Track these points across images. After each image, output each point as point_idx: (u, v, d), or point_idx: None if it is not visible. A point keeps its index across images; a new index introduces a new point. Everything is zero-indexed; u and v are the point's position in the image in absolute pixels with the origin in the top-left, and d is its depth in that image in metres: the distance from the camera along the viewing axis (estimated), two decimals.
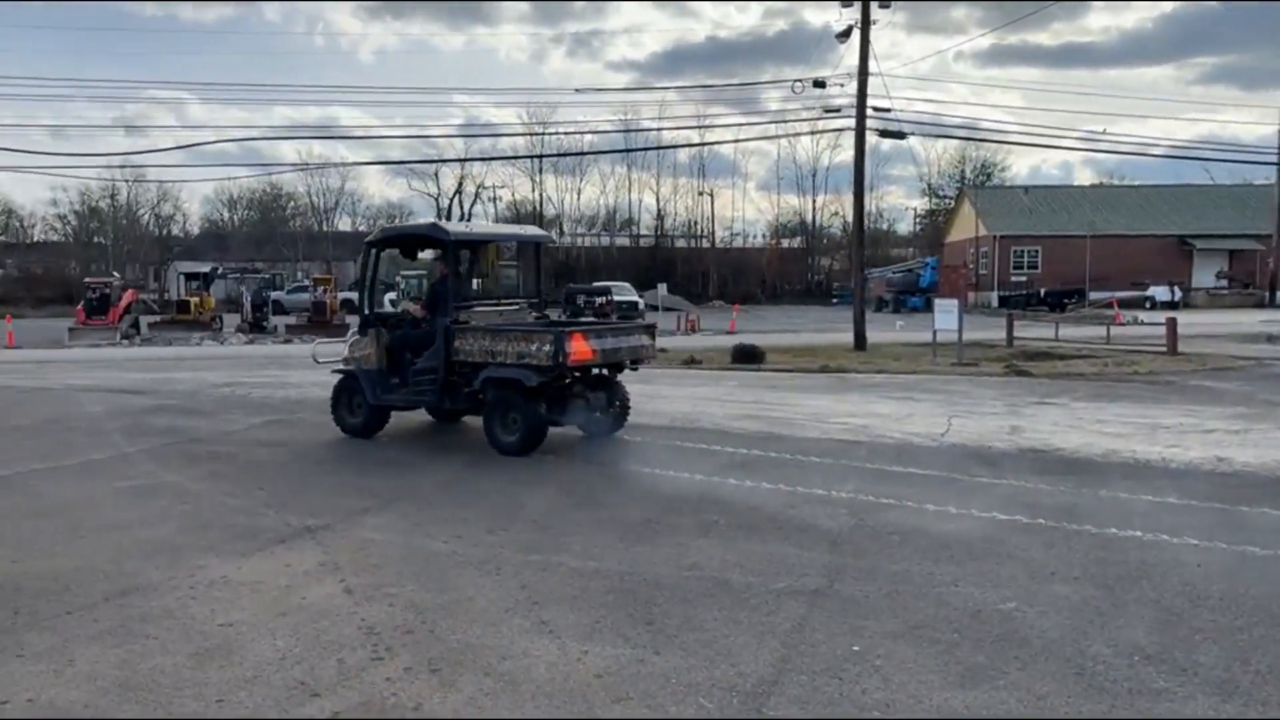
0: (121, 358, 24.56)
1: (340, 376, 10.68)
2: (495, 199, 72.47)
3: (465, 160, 65.04)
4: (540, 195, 73.17)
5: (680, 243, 73.74)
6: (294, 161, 72.48)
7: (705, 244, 71.96)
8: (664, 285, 42.22)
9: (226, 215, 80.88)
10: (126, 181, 68.83)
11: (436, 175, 71.99)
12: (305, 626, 4.64)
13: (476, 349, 9.49)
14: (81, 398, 14.35)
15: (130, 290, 39.49)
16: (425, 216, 66.76)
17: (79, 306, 35.43)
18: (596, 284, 35.89)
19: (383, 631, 4.57)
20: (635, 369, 10.45)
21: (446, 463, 8.96)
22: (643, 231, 75.05)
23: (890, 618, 4.79)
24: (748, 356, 19.94)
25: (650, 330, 10.74)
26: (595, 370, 9.90)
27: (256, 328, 35.56)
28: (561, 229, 75.93)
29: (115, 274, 41.51)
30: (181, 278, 41.88)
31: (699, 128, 60.29)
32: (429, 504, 7.30)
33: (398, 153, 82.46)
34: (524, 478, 8.19)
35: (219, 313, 39.03)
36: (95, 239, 74.52)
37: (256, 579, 5.39)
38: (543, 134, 62.87)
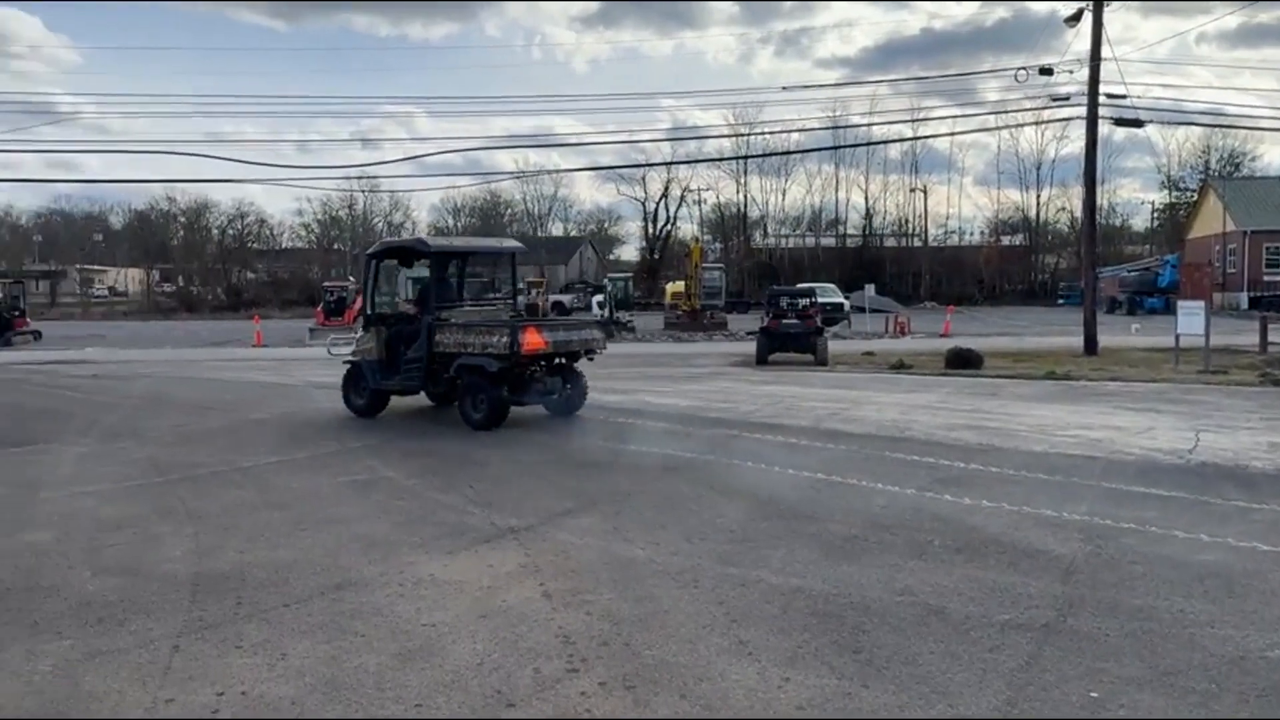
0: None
1: (349, 366, 12.46)
2: (700, 201, 72.79)
3: (671, 164, 65.46)
4: (745, 196, 72.87)
5: (889, 242, 71.44)
6: (511, 170, 75.56)
7: (916, 243, 69.40)
8: (871, 286, 40.91)
9: (451, 222, 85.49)
10: (363, 192, 73.98)
11: (644, 179, 73.04)
12: (504, 631, 4.61)
13: (452, 341, 11.31)
14: (315, 394, 15.36)
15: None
16: (635, 220, 67.91)
17: (318, 308, 38.36)
18: (800, 285, 35.18)
19: (579, 641, 4.47)
20: (590, 359, 12.37)
21: (643, 467, 8.87)
22: (850, 231, 73.24)
23: (1133, 660, 4.23)
24: (963, 361, 18.87)
25: (602, 326, 12.99)
26: (556, 359, 11.75)
27: None
28: (765, 230, 75.37)
29: (351, 278, 44.68)
30: (410, 282, 44.40)
31: (912, 121, 58.04)
32: (627, 507, 7.22)
33: (608, 158, 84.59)
34: (722, 486, 7.98)
35: None
36: (335, 245, 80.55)
37: (460, 578, 5.45)
38: (748, 134, 62.42)
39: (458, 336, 11.31)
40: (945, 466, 8.73)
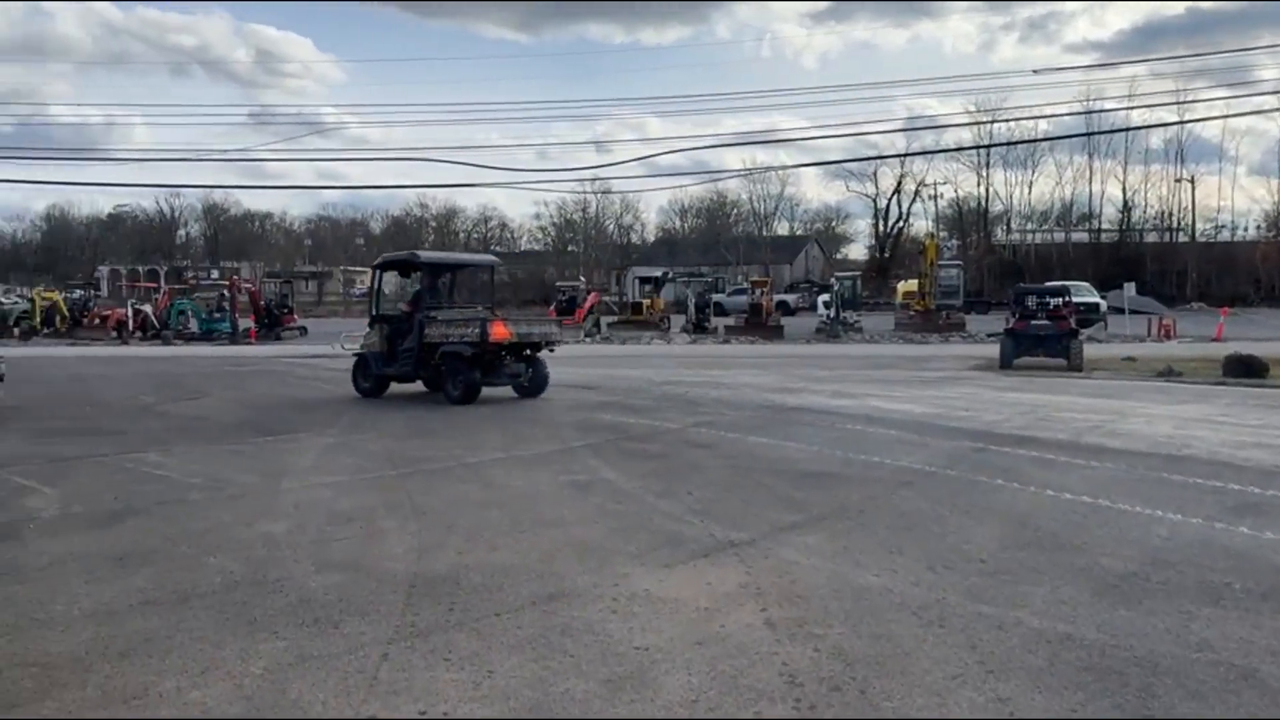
0: (583, 354, 26.78)
1: (358, 357, 15.10)
2: (936, 196, 69.56)
3: (906, 155, 62.87)
4: (986, 190, 68.87)
5: (1150, 237, 65.45)
6: (739, 171, 75.29)
7: (1182, 238, 63.19)
8: (1131, 285, 37.50)
9: (678, 223, 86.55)
10: (595, 194, 76.08)
11: (875, 175, 70.77)
12: (722, 663, 4.16)
13: (437, 334, 13.87)
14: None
15: (594, 293, 43.42)
16: (865, 218, 65.75)
17: (551, 307, 39.61)
18: (1050, 284, 32.55)
19: (806, 683, 3.94)
20: (552, 350, 14.69)
21: (875, 480, 8.17)
22: (1104, 225, 67.72)
23: None
24: (1245, 369, 16.69)
25: (558, 323, 16.00)
26: (524, 349, 14.12)
27: (699, 328, 37.24)
28: (1008, 225, 71.05)
29: (581, 278, 45.94)
30: (636, 281, 45.18)
31: (1177, 104, 52.65)
32: (860, 525, 6.59)
33: (837, 155, 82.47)
34: (967, 506, 7.17)
35: (667, 314, 41.50)
36: (569, 247, 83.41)
37: (677, 596, 5.05)
38: (990, 122, 58.92)
39: (441, 330, 13.85)
40: (1236, 492, 7.49)
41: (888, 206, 72.80)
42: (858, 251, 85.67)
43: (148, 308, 42.94)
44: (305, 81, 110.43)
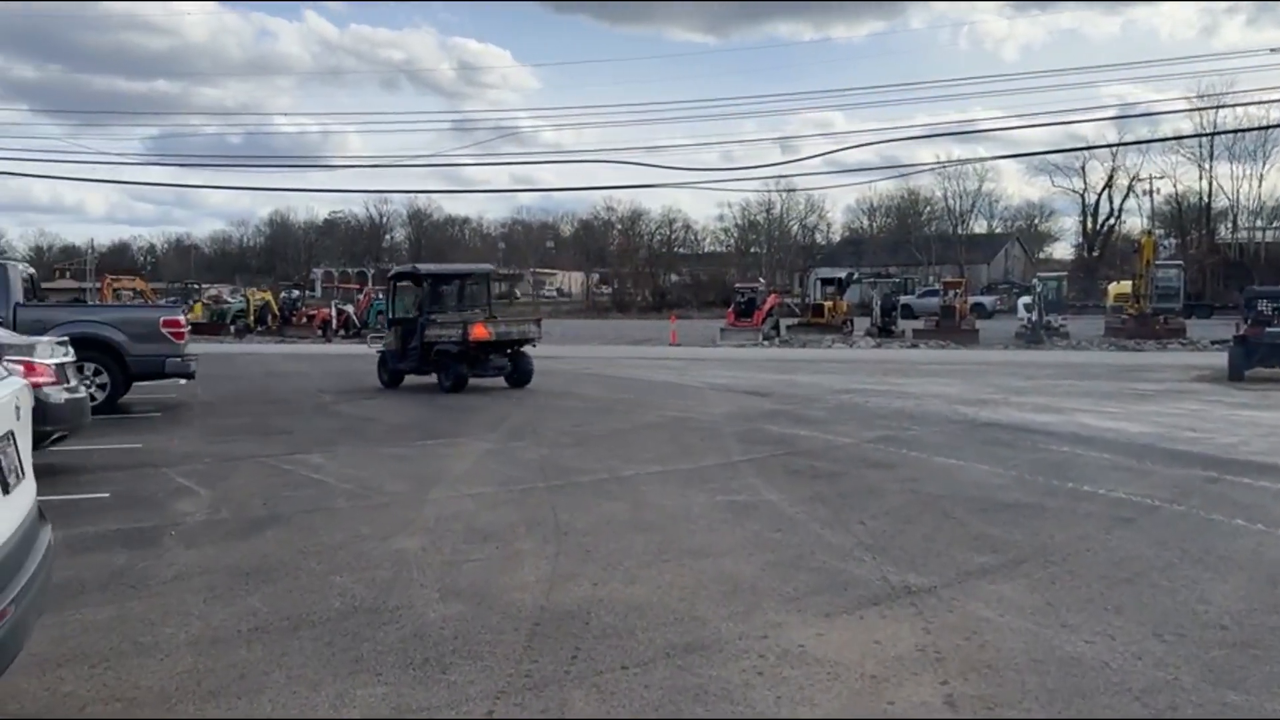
0: (759, 358, 25.98)
1: (380, 354, 17.46)
2: (1152, 191, 64.14)
3: (1119, 145, 58.21)
4: (1210, 184, 62.92)
5: None
6: (932, 171, 72.13)
7: None
8: None
9: (865, 223, 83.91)
10: (780, 194, 74.74)
11: (1083, 169, 66.04)
12: None
13: (434, 334, 15.98)
14: (709, 396, 14.95)
15: (774, 294, 42.34)
16: (1072, 215, 61.51)
17: (729, 309, 38.88)
18: None
19: None
20: (534, 346, 16.70)
21: (1085, 515, 7.01)
22: None
23: None
24: None
25: (537, 322, 17.33)
26: (506, 347, 16.22)
27: (885, 332, 35.58)
28: (1235, 222, 64.73)
29: (760, 279, 45.00)
30: (819, 282, 43.83)
31: None
32: (1068, 573, 5.54)
33: (1039, 151, 77.37)
34: (1201, 552, 5.96)
35: (850, 316, 39.95)
36: (751, 249, 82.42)
37: (837, 657, 4.26)
38: (1215, 108, 53.65)
39: (437, 331, 16.00)
40: None
41: (1097, 202, 67.88)
42: (1062, 250, 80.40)
43: (350, 307, 45.27)
44: (503, 91, 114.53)
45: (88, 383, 12.77)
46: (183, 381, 15.13)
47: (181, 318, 13.50)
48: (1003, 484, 8.06)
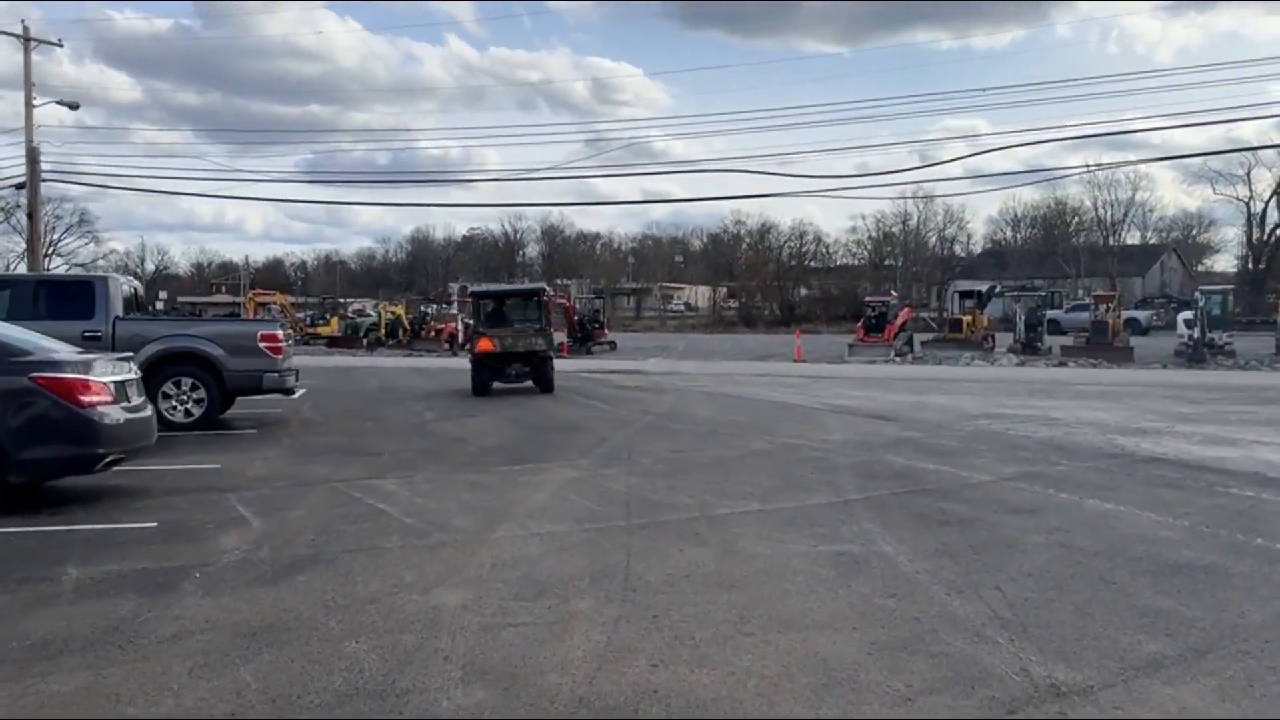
0: (889, 376, 24.42)
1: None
2: None
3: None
4: None
5: None
6: (1080, 179, 68.22)
7: None
8: None
9: (1009, 234, 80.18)
10: (917, 201, 72.07)
11: (1248, 176, 61.07)
12: None
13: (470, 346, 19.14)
14: (828, 420, 13.73)
15: (907, 308, 40.38)
16: (1234, 225, 57.02)
17: (859, 324, 37.19)
18: None
19: None
20: (550, 358, 18.73)
21: None
22: None
23: None
24: None
25: (547, 337, 18.74)
26: (516, 358, 18.14)
27: (1029, 348, 33.24)
28: None
29: (892, 292, 43.00)
30: (957, 296, 41.63)
31: None
32: (1266, 668, 4.23)
33: (1195, 161, 71.94)
34: None
35: (992, 332, 37.69)
36: (886, 261, 79.78)
37: None
38: None
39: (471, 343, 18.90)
40: None
41: (1264, 210, 62.53)
42: (1224, 263, 74.64)
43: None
44: (635, 108, 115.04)
45: (185, 398, 12.61)
46: (295, 394, 14.94)
47: (280, 332, 13.20)
48: (1174, 538, 6.65)
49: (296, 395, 15.54)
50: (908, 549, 6.37)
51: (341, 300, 74.49)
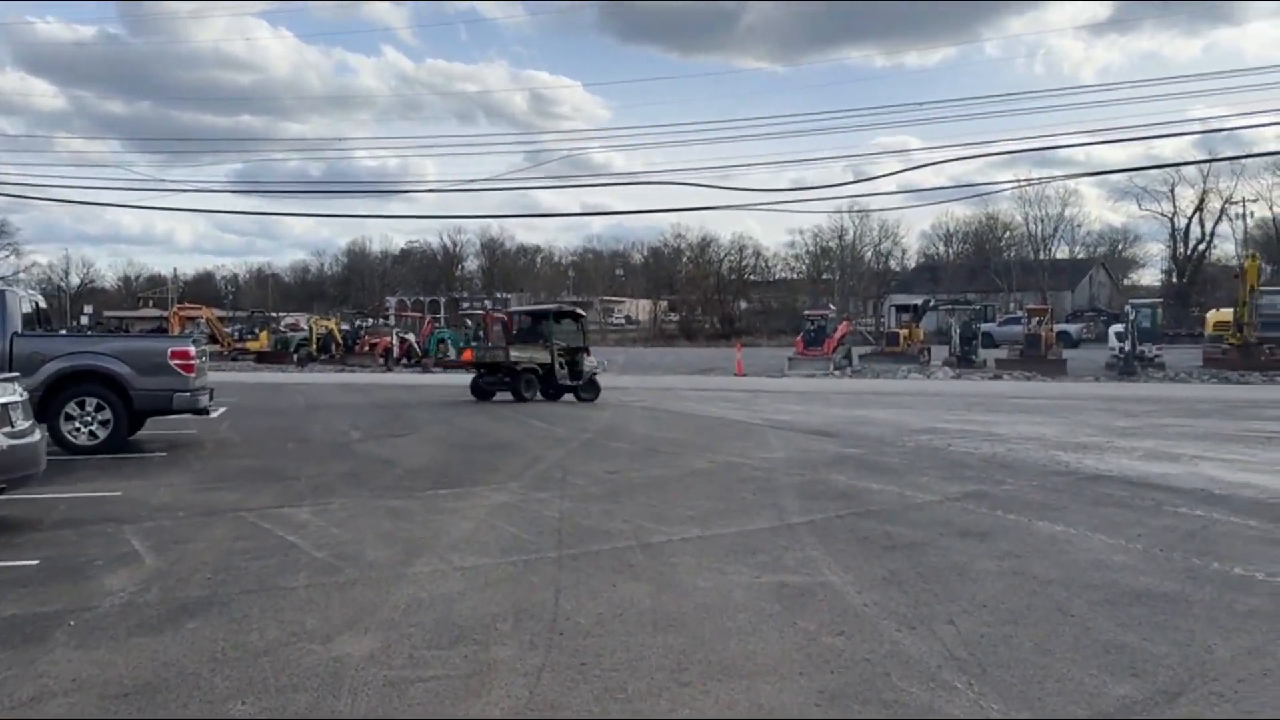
0: (829, 390, 24.28)
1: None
2: (1245, 215, 60.69)
3: (1211, 160, 55.06)
4: None
5: None
6: (1010, 192, 69.64)
7: None
8: None
9: (942, 248, 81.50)
10: (852, 215, 72.82)
11: (1172, 192, 62.83)
12: None
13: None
14: (769, 437, 13.40)
15: (845, 321, 40.54)
16: (1158, 241, 58.49)
17: (798, 337, 37.20)
18: None
19: None
20: (516, 368, 19.97)
21: (1243, 608, 5.32)
22: None
23: None
24: None
25: (505, 350, 20.39)
26: (485, 367, 20.57)
27: (965, 361, 33.53)
28: None
29: (831, 306, 43.16)
30: (893, 309, 41.93)
31: None
32: (1239, 712, 3.92)
33: (1120, 177, 73.77)
34: None
35: (928, 345, 37.98)
36: (823, 275, 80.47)
37: None
38: None
39: None
40: None
41: (1188, 226, 64.38)
42: (1149, 277, 76.75)
43: (411, 336, 44.70)
44: (575, 122, 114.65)
45: (89, 420, 11.82)
46: (212, 414, 14.18)
47: (191, 348, 12.44)
48: (1129, 563, 6.38)
49: (214, 415, 14.77)
50: (854, 578, 6.00)
51: (274, 314, 72.75)
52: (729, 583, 5.92)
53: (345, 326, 48.05)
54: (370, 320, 58.24)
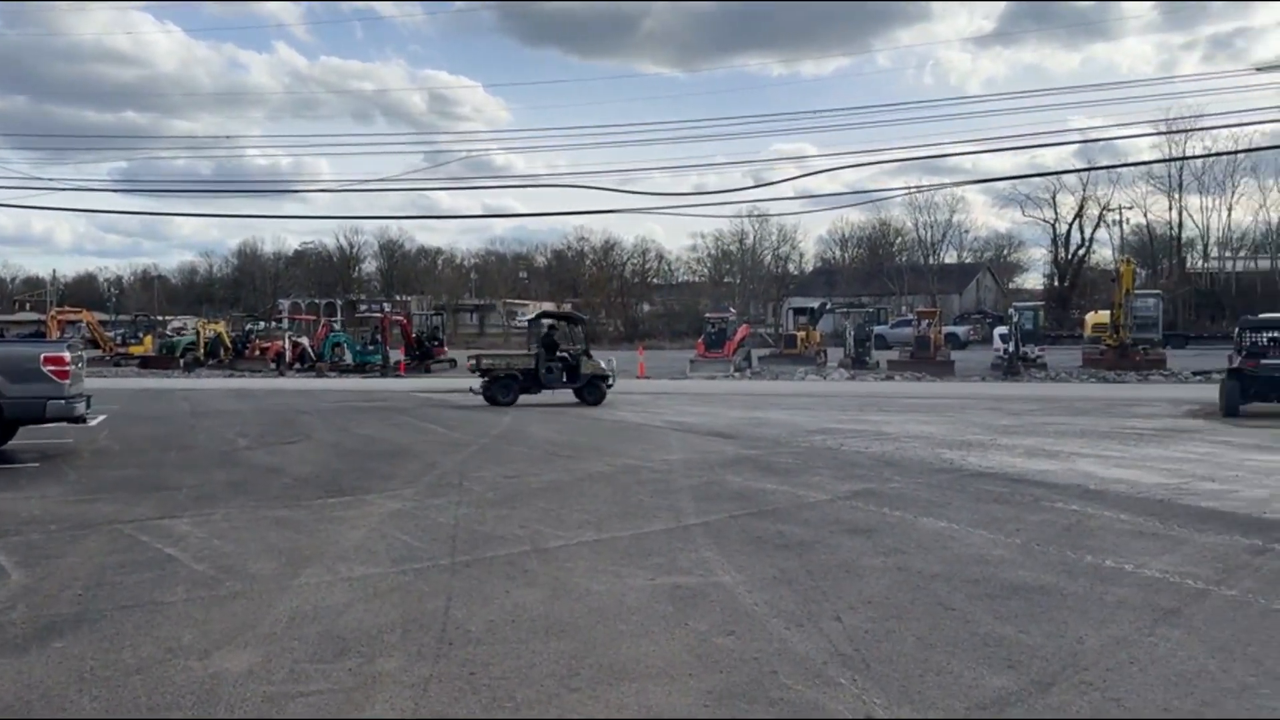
0: (729, 392, 24.56)
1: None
2: (1121, 221, 63.83)
3: (1090, 169, 57.67)
4: (1180, 214, 62.77)
5: None
6: (902, 200, 71.79)
7: None
8: None
9: (838, 253, 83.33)
10: (752, 219, 73.91)
11: (1054, 200, 65.60)
12: None
13: None
14: (669, 439, 13.48)
15: (745, 324, 41.10)
16: (1041, 246, 61.09)
17: (700, 340, 37.54)
18: None
19: None
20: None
21: (1116, 604, 5.58)
22: None
23: None
24: None
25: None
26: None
27: (859, 363, 34.33)
28: (1204, 252, 64.52)
29: (731, 309, 43.70)
30: (791, 313, 42.67)
31: None
32: (1109, 699, 4.10)
33: (1005, 184, 76.99)
34: (1277, 662, 4.55)
35: (824, 347, 38.76)
36: (725, 278, 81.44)
37: None
38: (1185, 130, 53.40)
39: None
40: None
41: (1068, 232, 67.27)
42: (1033, 281, 79.98)
43: (305, 340, 43.50)
44: (475, 122, 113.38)
45: None
46: (89, 422, 13.51)
47: (66, 354, 11.84)
48: (1008, 557, 6.62)
49: (93, 422, 14.10)
50: (746, 578, 6.08)
51: (160, 318, 69.92)
52: (623, 586, 5.93)
53: (243, 330, 46.48)
54: (262, 324, 56.56)
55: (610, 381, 20.68)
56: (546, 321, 22.25)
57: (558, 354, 20.63)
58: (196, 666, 4.52)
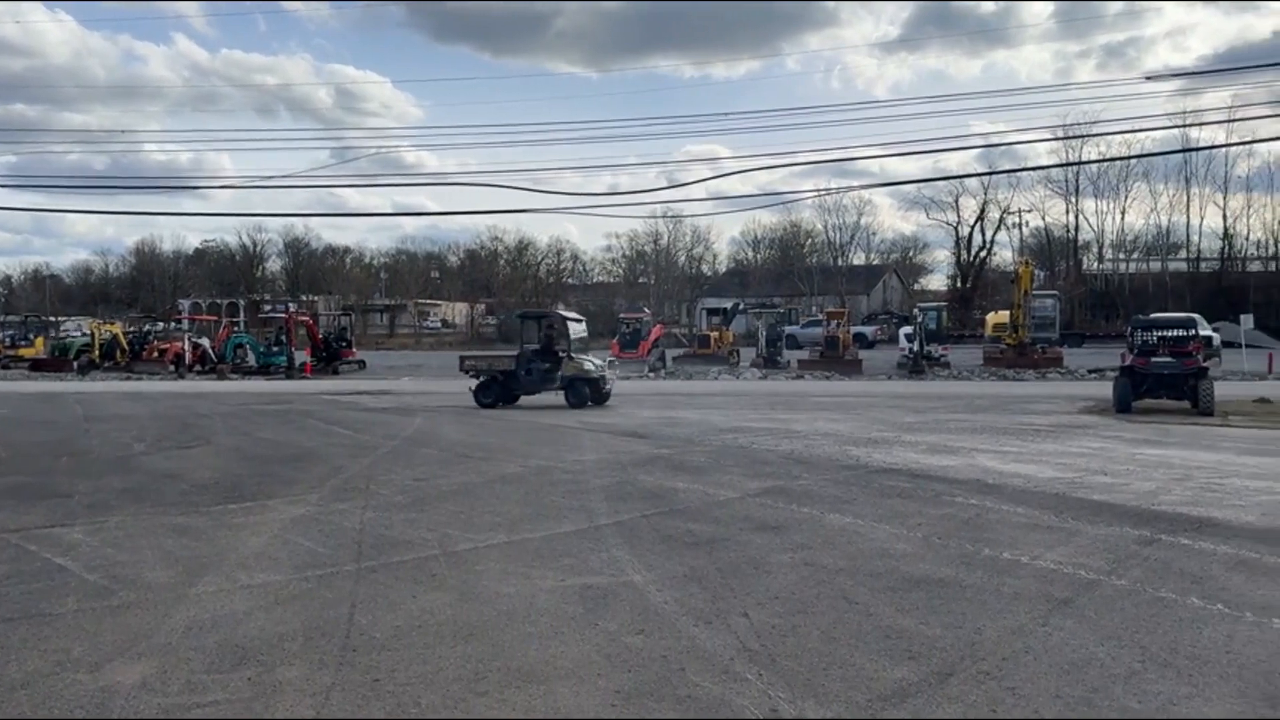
0: (644, 391, 24.63)
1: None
2: (1021, 224, 66.10)
3: (992, 174, 59.58)
4: (1076, 217, 65.30)
5: (1254, 266, 61.13)
6: (812, 201, 73.05)
7: None
8: (1249, 317, 33.96)
9: (751, 254, 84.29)
10: (666, 220, 74.31)
11: (957, 203, 67.53)
12: None
13: None
14: (582, 439, 13.46)
15: (659, 325, 41.29)
16: (944, 248, 62.87)
17: (614, 340, 37.59)
18: (1172, 315, 29.11)
19: None
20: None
21: (1012, 595, 5.77)
22: (1203, 255, 63.48)
23: None
24: None
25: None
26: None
27: (770, 362, 34.80)
28: (1100, 255, 67.27)
29: (646, 309, 43.89)
30: (704, 313, 43.05)
31: None
32: (1005, 689, 4.24)
33: (911, 188, 79.11)
34: (1162, 647, 4.78)
35: (737, 347, 39.19)
36: (639, 279, 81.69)
37: None
38: (1081, 137, 55.54)
39: None
40: None
41: (970, 235, 69.36)
42: (937, 282, 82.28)
43: (206, 341, 42.16)
44: (385, 119, 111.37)
45: None
46: None
47: None
48: (910, 551, 6.79)
49: None
50: (656, 576, 6.10)
51: (52, 319, 66.96)
52: (533, 588, 5.90)
53: (140, 331, 44.75)
54: (161, 324, 54.56)
55: (607, 386, 20.17)
56: (546, 322, 21.52)
57: (553, 355, 19.89)
58: (87, 679, 4.34)
